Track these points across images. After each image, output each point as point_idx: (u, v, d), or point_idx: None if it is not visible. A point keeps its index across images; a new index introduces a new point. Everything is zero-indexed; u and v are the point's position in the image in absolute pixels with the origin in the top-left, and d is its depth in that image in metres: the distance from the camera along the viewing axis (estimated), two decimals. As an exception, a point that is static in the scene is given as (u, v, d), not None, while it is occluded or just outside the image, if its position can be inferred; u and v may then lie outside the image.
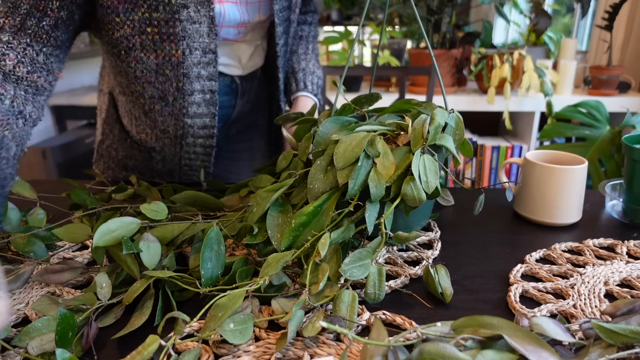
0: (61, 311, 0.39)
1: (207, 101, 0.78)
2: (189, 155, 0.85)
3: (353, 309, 0.44)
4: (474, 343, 0.35)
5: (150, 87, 0.74)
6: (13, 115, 0.60)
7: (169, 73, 0.73)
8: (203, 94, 0.77)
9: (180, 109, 0.77)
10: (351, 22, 2.81)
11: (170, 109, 0.77)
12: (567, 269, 0.54)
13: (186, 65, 0.73)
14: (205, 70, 0.75)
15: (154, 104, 0.77)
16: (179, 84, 0.74)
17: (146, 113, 0.79)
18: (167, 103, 0.76)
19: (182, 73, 0.73)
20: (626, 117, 1.75)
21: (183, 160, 0.86)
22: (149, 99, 0.76)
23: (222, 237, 0.49)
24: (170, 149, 0.84)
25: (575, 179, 0.63)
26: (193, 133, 0.81)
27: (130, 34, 0.69)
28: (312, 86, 0.96)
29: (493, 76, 1.85)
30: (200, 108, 0.78)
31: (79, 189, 0.70)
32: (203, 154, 0.86)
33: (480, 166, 2.11)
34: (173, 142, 0.83)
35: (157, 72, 0.73)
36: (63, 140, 2.24)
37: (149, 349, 0.36)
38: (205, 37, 0.72)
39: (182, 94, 0.75)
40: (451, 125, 0.57)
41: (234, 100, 0.90)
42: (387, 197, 0.52)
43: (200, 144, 0.84)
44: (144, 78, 0.73)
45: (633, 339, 0.36)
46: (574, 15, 2.63)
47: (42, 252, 0.55)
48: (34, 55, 0.63)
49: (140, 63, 0.72)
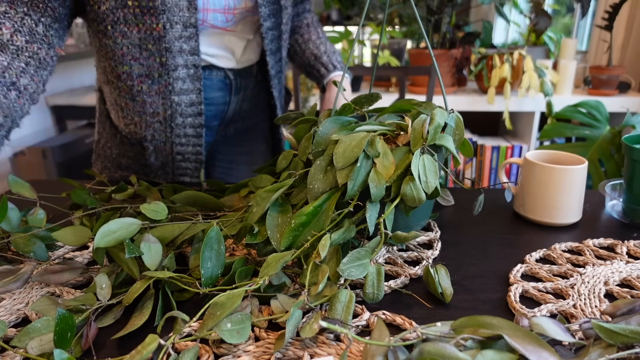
0: (60, 311, 0.39)
1: (191, 76, 0.79)
2: (180, 139, 0.85)
3: (349, 309, 0.44)
4: (474, 343, 0.35)
5: (136, 64, 0.76)
6: (4, 85, 0.60)
7: (151, 48, 0.74)
8: (187, 69, 0.78)
9: (166, 86, 0.78)
10: (351, 22, 2.81)
11: (157, 86, 0.78)
12: (567, 269, 0.54)
13: (168, 39, 0.74)
14: (187, 44, 0.76)
15: (141, 84, 0.78)
16: (162, 59, 0.75)
17: (134, 97, 0.80)
18: (153, 80, 0.77)
19: (165, 47, 0.74)
20: (626, 117, 1.75)
21: (175, 147, 0.86)
22: (137, 79, 0.77)
23: (222, 237, 0.49)
24: (161, 134, 0.84)
25: (575, 179, 0.63)
26: (181, 112, 0.82)
27: (114, 6, 0.71)
28: (340, 64, 0.98)
29: (493, 76, 1.85)
30: (185, 84, 0.79)
31: (79, 189, 0.70)
32: (194, 136, 0.85)
33: (480, 166, 2.11)
34: (163, 126, 0.83)
35: (140, 47, 0.74)
36: (63, 140, 2.24)
37: (148, 348, 0.36)
38: (185, 11, 0.73)
39: (167, 69, 0.76)
40: (451, 125, 0.57)
41: (228, 96, 0.91)
42: (387, 197, 0.52)
43: (190, 124, 0.84)
44: (129, 54, 0.75)
45: (633, 339, 0.36)
46: (574, 15, 2.63)
47: (42, 252, 0.55)
48: (32, 25, 0.64)
49: (125, 38, 0.74)
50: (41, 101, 2.37)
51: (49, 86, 2.41)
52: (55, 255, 0.60)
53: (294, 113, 0.70)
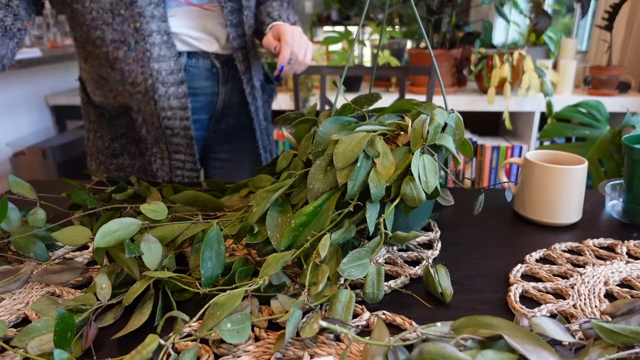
0: (60, 311, 0.39)
1: (165, 42, 0.80)
2: (166, 112, 0.85)
3: (349, 309, 0.44)
4: (474, 343, 0.35)
5: (109, 29, 0.77)
6: None
7: (124, 13, 0.76)
8: (160, 36, 0.80)
9: (144, 52, 0.79)
10: (351, 22, 2.81)
11: (134, 53, 0.79)
12: (567, 269, 0.54)
13: (139, 4, 0.75)
14: (157, 10, 0.78)
15: (116, 50, 0.78)
16: (137, 24, 0.77)
17: (112, 65, 0.80)
18: (130, 47, 0.78)
19: (137, 12, 0.76)
20: (626, 117, 1.75)
21: (163, 121, 0.86)
22: (111, 44, 0.78)
23: (222, 237, 0.49)
24: (146, 106, 0.84)
25: (575, 179, 0.63)
26: (162, 80, 0.82)
27: None
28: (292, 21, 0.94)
29: (493, 76, 1.85)
30: (162, 50, 0.80)
31: (79, 189, 0.70)
32: (179, 108, 0.85)
33: (480, 166, 2.11)
34: (146, 98, 0.83)
35: (112, 12, 0.75)
36: (63, 140, 2.24)
37: (148, 348, 0.36)
38: None
39: (142, 35, 0.78)
40: (451, 125, 0.57)
41: (216, 86, 0.91)
42: (387, 197, 0.52)
43: (173, 95, 0.84)
44: (100, 19, 0.76)
45: (633, 339, 0.36)
46: (574, 15, 2.63)
47: (42, 252, 0.55)
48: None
49: (95, 2, 0.75)
50: (41, 101, 2.37)
51: (49, 86, 2.41)
52: (55, 255, 0.60)
53: (294, 113, 0.70)
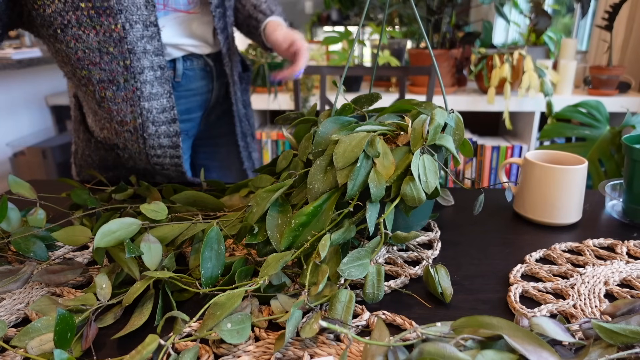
0: (60, 311, 0.39)
1: (159, 79, 0.76)
2: (155, 151, 0.80)
3: (349, 310, 0.44)
4: (474, 343, 0.35)
5: (96, 69, 0.72)
6: None
7: (113, 50, 0.71)
8: (154, 71, 0.75)
9: (133, 91, 0.74)
10: (351, 22, 2.80)
11: (123, 92, 0.74)
12: (567, 269, 0.54)
13: (129, 40, 0.71)
14: (150, 44, 0.73)
15: (104, 90, 0.74)
16: (126, 61, 0.72)
17: (99, 103, 0.75)
18: (119, 86, 0.73)
19: (127, 49, 0.71)
20: (626, 117, 1.75)
21: (151, 158, 0.81)
22: (98, 84, 0.73)
23: (222, 237, 0.49)
24: (133, 145, 0.80)
25: (575, 179, 0.63)
26: (153, 119, 0.77)
27: (63, 9, 0.68)
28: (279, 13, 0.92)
29: (493, 76, 1.85)
30: (154, 87, 0.75)
31: (79, 189, 0.70)
32: (170, 147, 0.81)
33: (480, 166, 2.11)
34: (134, 136, 0.78)
35: (100, 51, 0.71)
36: (63, 140, 2.24)
37: (148, 348, 0.36)
38: (144, 9, 0.71)
39: (132, 73, 0.73)
40: (451, 125, 0.57)
41: (211, 83, 0.90)
42: (387, 197, 0.52)
43: (164, 133, 0.79)
44: (87, 59, 0.71)
45: (633, 339, 0.36)
46: (574, 15, 2.63)
47: (42, 252, 0.55)
48: None
49: (80, 42, 0.70)
50: (41, 101, 2.37)
51: (49, 86, 2.41)
52: (55, 255, 0.60)
53: (294, 113, 0.70)
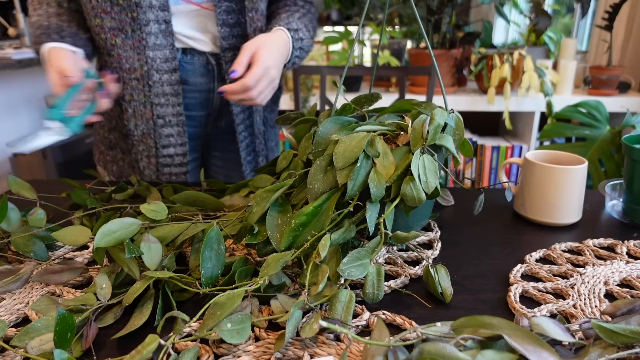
0: (60, 311, 0.39)
1: (163, 32, 0.83)
2: (159, 99, 0.86)
3: (349, 309, 0.44)
4: (474, 343, 0.35)
5: (107, 17, 0.80)
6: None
7: (122, 2, 0.79)
8: (158, 25, 0.82)
9: (139, 41, 0.82)
10: (351, 22, 2.80)
11: (131, 41, 0.82)
12: (567, 269, 0.54)
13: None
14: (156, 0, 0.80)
15: (114, 37, 0.82)
16: (133, 14, 0.79)
17: (110, 52, 0.83)
18: (127, 35, 0.81)
19: (135, 2, 0.79)
20: (626, 117, 1.75)
21: (155, 109, 0.86)
22: (110, 32, 0.81)
23: (222, 237, 0.49)
24: (139, 94, 0.86)
25: (575, 179, 0.63)
26: (157, 68, 0.84)
27: None
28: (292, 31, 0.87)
29: (493, 76, 1.85)
30: (158, 39, 0.83)
31: (79, 189, 0.70)
32: (172, 94, 0.86)
33: (480, 166, 2.11)
34: (140, 84, 0.85)
35: (111, 2, 0.79)
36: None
37: (148, 348, 0.36)
38: None
39: (139, 24, 0.80)
40: (451, 125, 0.57)
41: (212, 83, 0.91)
42: (387, 197, 0.52)
43: (167, 81, 0.86)
44: (99, 7, 0.79)
45: (633, 339, 0.36)
46: (574, 15, 2.63)
47: (42, 252, 0.55)
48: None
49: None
50: (41, 101, 2.37)
51: (49, 86, 2.41)
52: (55, 255, 0.60)
53: (294, 113, 0.70)
